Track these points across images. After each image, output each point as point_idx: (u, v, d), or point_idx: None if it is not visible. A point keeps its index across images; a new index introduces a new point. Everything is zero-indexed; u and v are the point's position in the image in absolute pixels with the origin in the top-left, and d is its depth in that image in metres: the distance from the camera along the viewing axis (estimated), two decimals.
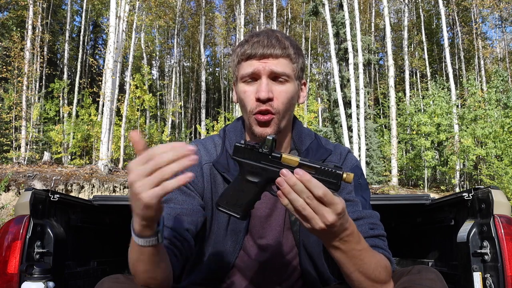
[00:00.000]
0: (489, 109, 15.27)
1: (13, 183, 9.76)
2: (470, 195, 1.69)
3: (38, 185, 9.84)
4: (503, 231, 1.49)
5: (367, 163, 16.19)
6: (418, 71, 26.67)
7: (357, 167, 1.20)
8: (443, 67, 25.09)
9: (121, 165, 14.09)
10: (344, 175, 0.82)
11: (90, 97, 18.83)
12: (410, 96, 21.77)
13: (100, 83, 18.53)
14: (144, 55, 23.06)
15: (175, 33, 24.67)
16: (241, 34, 20.84)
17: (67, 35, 22.63)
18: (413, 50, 26.55)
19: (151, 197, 0.72)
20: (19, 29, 18.54)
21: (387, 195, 2.32)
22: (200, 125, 22.15)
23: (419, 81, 26.16)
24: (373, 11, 26.16)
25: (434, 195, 3.34)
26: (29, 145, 15.03)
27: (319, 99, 23.06)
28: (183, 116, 26.85)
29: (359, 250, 0.88)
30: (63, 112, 19.47)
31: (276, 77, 1.08)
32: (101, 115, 17.46)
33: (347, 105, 16.53)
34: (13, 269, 1.49)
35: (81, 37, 23.00)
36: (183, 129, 23.44)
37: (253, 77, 1.09)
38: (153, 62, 26.88)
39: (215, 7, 29.61)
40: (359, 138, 14.90)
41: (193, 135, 26.31)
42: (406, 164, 18.55)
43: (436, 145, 17.26)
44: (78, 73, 21.63)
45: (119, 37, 12.97)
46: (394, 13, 27.97)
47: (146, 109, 18.69)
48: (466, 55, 25.23)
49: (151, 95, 16.93)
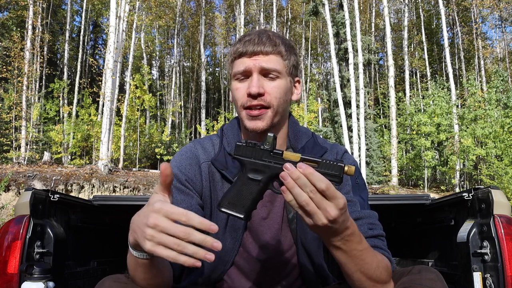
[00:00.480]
0: (489, 109, 15.26)
1: (13, 183, 9.75)
2: (470, 195, 1.69)
3: (38, 185, 9.84)
4: (503, 231, 1.49)
5: (367, 163, 16.19)
6: (418, 71, 26.66)
7: (355, 167, 1.20)
8: (443, 67, 25.08)
9: (121, 165, 14.08)
10: (345, 168, 0.84)
11: (90, 97, 18.82)
12: (410, 96, 21.76)
13: (100, 83, 18.52)
14: (144, 55, 23.06)
15: (175, 33, 24.66)
16: (241, 34, 20.84)
17: (67, 35, 22.61)
18: (413, 50, 26.53)
19: (153, 251, 0.72)
20: (19, 29, 18.53)
21: (387, 195, 2.32)
22: (200, 125, 22.14)
23: (419, 81, 26.14)
24: (373, 11, 26.14)
25: (434, 195, 3.34)
26: (29, 145, 15.03)
27: (319, 99, 23.05)
28: (183, 116, 26.84)
29: (360, 250, 0.89)
30: (63, 112, 19.46)
31: (267, 73, 1.10)
32: (101, 115, 17.46)
33: (347, 105, 16.53)
34: (13, 269, 1.49)
35: (81, 37, 22.99)
36: (183, 129, 23.42)
37: (245, 74, 1.10)
38: (153, 62, 26.87)
39: (215, 7, 29.61)
40: (359, 138, 14.89)
41: (193, 135, 26.30)
42: (406, 164, 18.54)
43: (436, 145, 17.25)
44: (78, 73, 21.62)
45: (119, 37, 12.97)
46: (394, 13, 27.97)
47: (146, 109, 18.68)
48: (466, 55, 25.22)
49: (151, 95, 16.92)
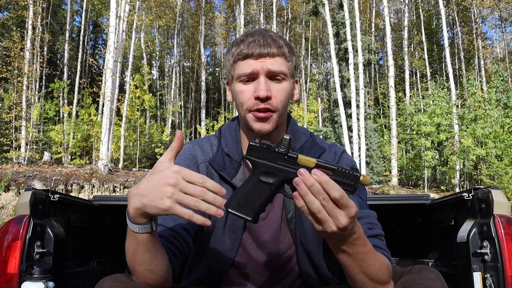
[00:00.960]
0: (489, 109, 15.25)
1: (13, 183, 9.75)
2: (470, 195, 1.69)
3: (38, 185, 9.83)
4: (503, 231, 1.49)
5: (367, 163, 16.19)
6: (418, 71, 26.66)
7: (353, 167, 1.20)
8: (443, 67, 25.08)
9: (121, 165, 14.08)
10: (361, 177, 0.81)
11: (90, 97, 18.82)
12: (410, 96, 21.75)
13: (100, 83, 18.51)
14: (144, 55, 23.05)
15: (175, 33, 24.65)
16: (241, 34, 20.80)
17: (67, 35, 22.61)
18: (413, 50, 26.53)
19: (172, 208, 0.74)
20: (19, 29, 18.53)
21: (387, 195, 2.32)
22: (200, 125, 22.14)
23: (419, 81, 26.14)
24: (373, 11, 26.14)
25: (434, 195, 3.34)
26: (29, 145, 15.02)
27: (319, 99, 23.04)
28: (183, 116, 26.83)
29: (364, 252, 0.88)
30: (63, 112, 19.46)
31: (273, 75, 1.09)
32: (101, 115, 17.46)
33: (347, 105, 16.53)
34: (13, 269, 1.49)
35: (81, 37, 22.98)
36: (183, 129, 23.42)
37: (251, 77, 1.09)
38: (153, 62, 26.87)
39: (215, 7, 29.61)
40: (359, 138, 14.89)
41: (193, 135, 26.30)
42: (406, 164, 18.54)
43: (436, 145, 17.24)
44: (78, 73, 21.61)
45: (119, 37, 12.96)
46: (394, 13, 27.96)
47: (146, 109, 18.68)
48: (466, 55, 25.21)
49: (151, 95, 16.92)
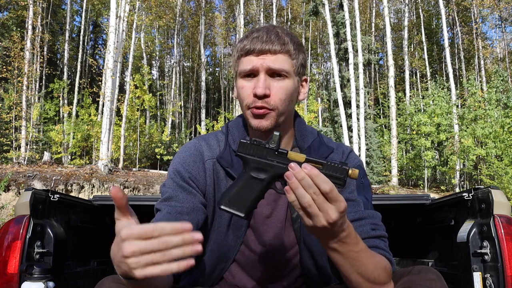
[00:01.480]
0: (489, 109, 15.25)
1: (13, 183, 9.75)
2: (470, 195, 1.69)
3: (38, 185, 9.84)
4: (503, 231, 1.49)
5: (367, 163, 16.20)
6: (418, 71, 26.66)
7: (360, 167, 1.19)
8: (443, 67, 25.08)
9: (121, 165, 14.09)
10: (350, 171, 0.83)
11: (90, 97, 18.83)
12: (410, 96, 21.76)
13: (100, 83, 18.51)
14: (144, 55, 23.05)
15: (175, 33, 24.66)
16: (241, 34, 20.84)
17: (67, 35, 22.61)
18: (413, 50, 26.53)
19: (145, 275, 0.68)
20: (19, 29, 18.54)
21: (387, 195, 2.32)
22: (200, 125, 22.14)
23: (419, 81, 26.15)
24: (373, 11, 26.14)
25: (434, 195, 3.34)
26: (29, 145, 15.02)
27: (319, 99, 23.05)
28: (183, 116, 26.84)
29: (356, 251, 0.88)
30: (63, 112, 19.46)
31: (274, 73, 1.08)
32: (101, 115, 17.46)
33: (347, 105, 16.53)
34: (13, 269, 1.49)
35: (81, 37, 22.99)
36: (183, 129, 23.43)
37: (252, 73, 1.09)
38: (153, 62, 26.87)
39: (215, 7, 29.62)
40: (359, 138, 14.90)
41: (193, 135, 26.30)
42: (406, 164, 18.54)
43: (436, 145, 17.24)
44: (78, 73, 21.61)
45: (119, 37, 12.97)
46: (394, 13, 27.96)
47: (146, 109, 18.69)
48: (466, 55, 25.22)
49: (151, 95, 16.93)
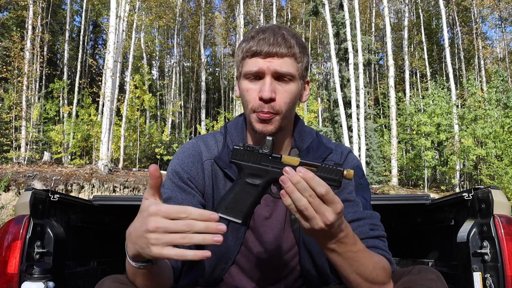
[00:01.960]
0: (489, 109, 15.26)
1: (13, 183, 9.75)
2: (470, 195, 1.69)
3: (38, 185, 9.83)
4: (503, 231, 1.49)
5: (367, 163, 16.19)
6: (418, 71, 26.66)
7: (358, 167, 1.19)
8: (443, 67, 25.08)
9: (121, 165, 14.08)
10: (345, 172, 0.83)
11: (90, 97, 18.83)
12: (410, 96, 21.76)
13: (100, 83, 18.51)
14: (144, 55, 23.05)
15: (175, 33, 24.66)
16: (241, 34, 20.83)
17: (67, 35, 22.61)
18: (413, 50, 26.53)
19: (161, 254, 0.70)
20: (19, 29, 18.53)
21: (387, 195, 2.32)
22: (200, 125, 22.14)
23: (419, 81, 26.15)
24: (373, 11, 26.14)
25: (434, 195, 3.34)
26: (29, 145, 15.02)
27: (319, 99, 23.05)
28: (183, 116, 26.84)
29: (355, 252, 0.88)
30: (63, 112, 19.46)
31: (280, 76, 1.07)
32: (101, 115, 17.46)
33: (347, 105, 16.52)
34: (13, 269, 1.49)
35: (81, 37, 22.98)
36: (183, 129, 23.43)
37: (257, 75, 1.08)
38: (153, 62, 26.87)
39: (215, 7, 29.63)
40: (359, 138, 14.89)
41: (193, 135, 26.30)
42: (406, 164, 18.54)
43: (436, 145, 17.25)
44: (78, 73, 21.61)
45: (119, 37, 12.96)
46: (394, 13, 27.96)
47: (146, 109, 18.69)
48: (466, 55, 25.22)
49: (151, 95, 16.93)
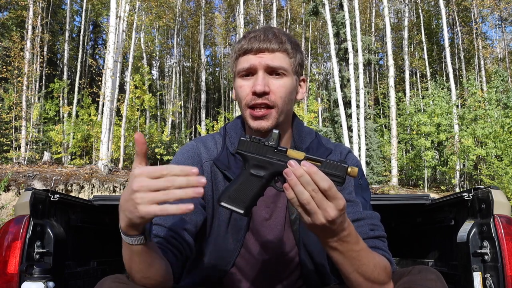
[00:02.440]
0: (489, 109, 15.26)
1: (13, 183, 9.75)
2: (470, 195, 1.69)
3: (38, 185, 9.83)
4: (503, 231, 1.49)
5: (367, 163, 16.19)
6: (418, 71, 26.66)
7: (358, 168, 1.19)
8: (443, 67, 25.08)
9: (121, 165, 14.08)
10: (349, 169, 0.84)
11: (90, 97, 18.83)
12: (410, 96, 21.76)
13: (100, 83, 18.51)
14: (144, 55, 23.05)
15: (175, 33, 24.66)
16: (240, 34, 20.84)
17: (67, 35, 22.60)
18: (413, 50, 26.53)
19: (148, 212, 0.72)
20: (19, 29, 18.53)
21: (387, 195, 2.32)
22: (200, 125, 22.14)
23: (419, 81, 26.14)
24: (373, 11, 26.14)
25: (434, 195, 3.34)
26: (29, 145, 15.02)
27: (319, 99, 23.05)
28: (183, 116, 26.83)
29: (357, 251, 0.88)
30: (63, 112, 19.46)
31: (272, 71, 1.08)
32: (101, 115, 17.46)
33: (347, 105, 16.52)
34: (13, 269, 1.49)
35: (81, 37, 22.97)
36: (183, 129, 23.43)
37: (250, 72, 1.09)
38: (153, 62, 26.86)
39: (215, 7, 29.61)
40: (359, 138, 14.89)
41: (193, 135, 26.29)
42: (406, 164, 18.54)
43: (436, 145, 17.25)
44: (78, 73, 21.61)
45: (119, 37, 12.96)
46: (394, 13, 27.95)
47: (146, 109, 18.69)
48: (466, 55, 25.21)
49: (151, 95, 16.93)
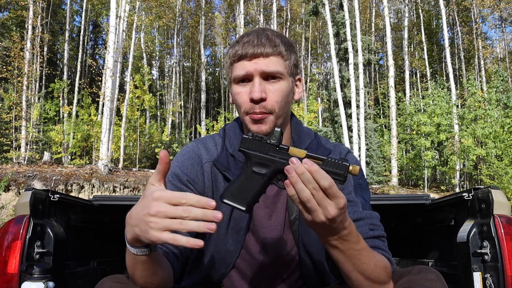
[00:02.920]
0: (489, 109, 15.26)
1: (13, 183, 9.75)
2: (470, 195, 1.69)
3: (38, 185, 9.83)
4: (503, 231, 1.49)
5: (367, 163, 16.19)
6: (418, 71, 26.66)
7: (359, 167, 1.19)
8: (443, 67, 25.09)
9: (121, 165, 14.08)
10: (350, 167, 0.84)
11: (90, 97, 18.83)
12: (410, 96, 21.76)
13: (100, 83, 18.52)
14: (144, 55, 23.05)
15: (175, 33, 24.66)
16: (240, 34, 20.79)
17: (67, 35, 22.60)
18: (413, 50, 26.53)
19: (159, 238, 0.73)
20: (19, 29, 18.54)
21: (387, 195, 2.32)
22: (200, 125, 22.14)
23: (419, 81, 26.15)
24: (373, 11, 26.14)
25: (434, 195, 3.33)
26: (29, 145, 15.02)
27: (319, 99, 23.05)
28: (183, 116, 26.84)
29: (357, 250, 0.89)
30: (63, 112, 19.46)
31: (268, 76, 1.08)
32: (101, 115, 17.46)
33: (347, 105, 16.52)
34: (13, 269, 1.49)
35: (81, 37, 22.98)
36: (183, 129, 23.43)
37: (246, 78, 1.09)
38: (153, 62, 26.87)
39: (215, 7, 29.62)
40: (359, 138, 14.89)
41: (193, 135, 26.30)
42: (406, 164, 18.54)
43: (436, 145, 17.25)
44: (78, 73, 21.62)
45: (119, 37, 12.97)
46: (394, 13, 27.95)
47: (146, 109, 18.68)
48: (466, 55, 25.22)
49: (151, 95, 16.92)
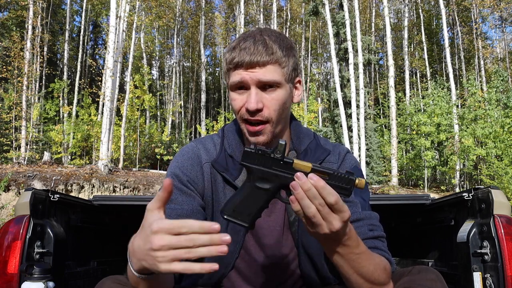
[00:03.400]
0: (489, 109, 15.26)
1: (13, 183, 9.75)
2: (470, 195, 1.69)
3: (38, 185, 9.83)
4: (503, 231, 1.49)
5: (367, 163, 16.19)
6: (418, 71, 26.65)
7: (356, 168, 1.18)
8: (443, 67, 25.08)
9: (121, 165, 14.08)
10: (356, 181, 0.82)
11: (89, 97, 18.82)
12: (410, 96, 21.76)
13: (100, 83, 18.52)
14: (144, 55, 23.04)
15: (175, 33, 24.66)
16: (241, 34, 20.79)
17: (67, 35, 22.60)
18: (413, 50, 26.53)
19: (170, 270, 0.71)
20: (19, 29, 18.54)
21: (387, 195, 2.32)
22: (200, 125, 22.13)
23: (419, 81, 26.14)
24: (373, 11, 26.14)
25: (434, 195, 3.33)
26: (29, 145, 15.02)
27: (319, 99, 23.04)
28: (183, 116, 26.83)
29: (357, 253, 0.89)
30: (63, 112, 19.46)
31: (265, 85, 1.05)
32: (101, 115, 17.46)
33: (347, 105, 16.52)
34: (13, 269, 1.49)
35: (81, 37, 22.98)
36: (183, 129, 23.42)
37: (242, 85, 1.06)
38: (153, 62, 26.86)
39: (215, 7, 29.62)
40: (359, 138, 14.89)
41: (193, 135, 26.29)
42: (406, 164, 18.54)
43: (436, 145, 17.25)
44: (78, 73, 21.61)
45: (119, 37, 12.97)
46: (394, 13, 27.95)
47: (146, 109, 18.68)
48: (466, 55, 25.21)
49: (151, 95, 16.92)
